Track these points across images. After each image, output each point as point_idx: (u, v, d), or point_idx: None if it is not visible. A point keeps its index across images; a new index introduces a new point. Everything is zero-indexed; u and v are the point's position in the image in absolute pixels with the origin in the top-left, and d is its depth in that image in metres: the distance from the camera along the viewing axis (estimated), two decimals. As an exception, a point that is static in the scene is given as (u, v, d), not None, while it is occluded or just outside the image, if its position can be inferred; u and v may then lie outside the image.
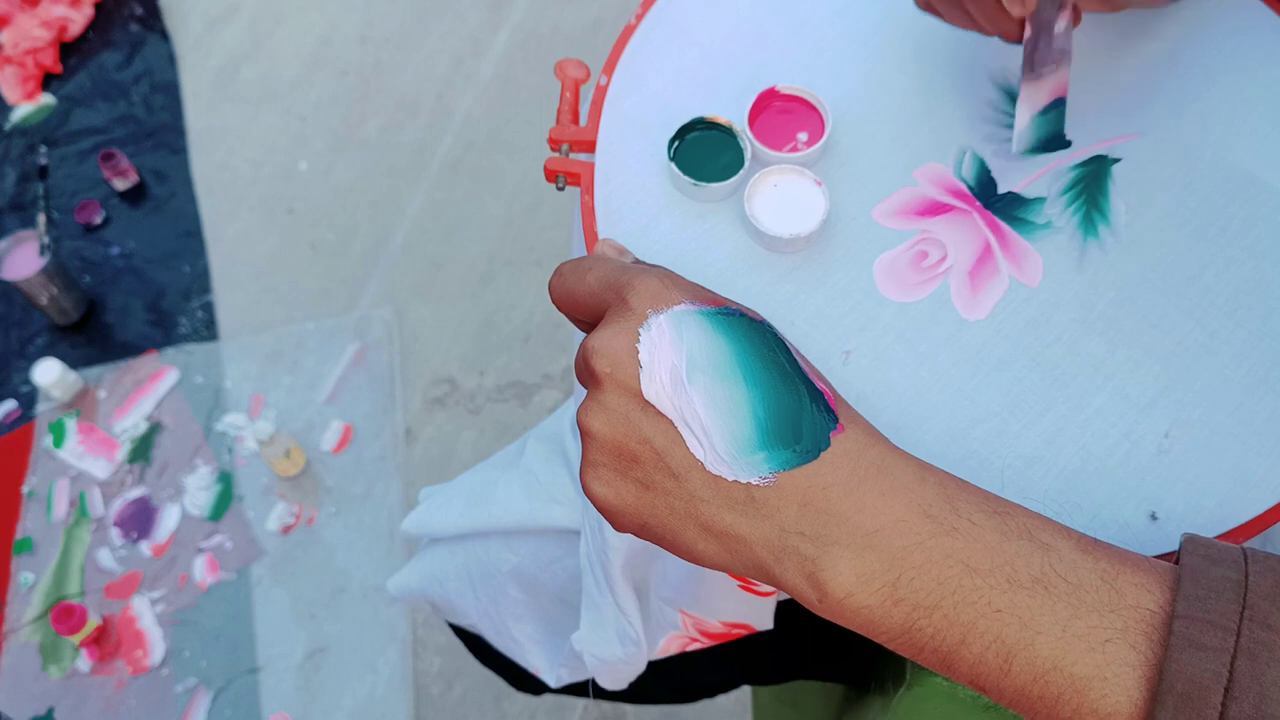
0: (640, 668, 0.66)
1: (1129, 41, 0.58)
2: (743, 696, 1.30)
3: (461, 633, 0.81)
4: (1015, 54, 0.57)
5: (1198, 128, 0.55)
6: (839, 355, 0.49)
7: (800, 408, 0.38)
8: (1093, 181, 0.53)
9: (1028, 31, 0.50)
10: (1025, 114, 0.53)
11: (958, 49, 0.58)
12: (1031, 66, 0.51)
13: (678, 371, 0.38)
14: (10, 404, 1.66)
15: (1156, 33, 0.58)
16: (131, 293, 1.75)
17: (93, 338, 1.71)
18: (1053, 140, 0.54)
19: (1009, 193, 0.53)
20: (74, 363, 1.66)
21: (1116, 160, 0.54)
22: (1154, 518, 0.45)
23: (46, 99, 2.00)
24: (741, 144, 0.53)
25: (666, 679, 0.72)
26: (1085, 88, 0.56)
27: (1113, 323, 0.49)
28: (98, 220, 1.82)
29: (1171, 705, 0.32)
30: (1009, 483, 0.46)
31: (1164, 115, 0.55)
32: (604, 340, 0.39)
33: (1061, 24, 0.51)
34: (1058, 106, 0.53)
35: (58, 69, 2.02)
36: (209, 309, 1.73)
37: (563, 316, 0.44)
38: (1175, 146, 0.54)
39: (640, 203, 0.53)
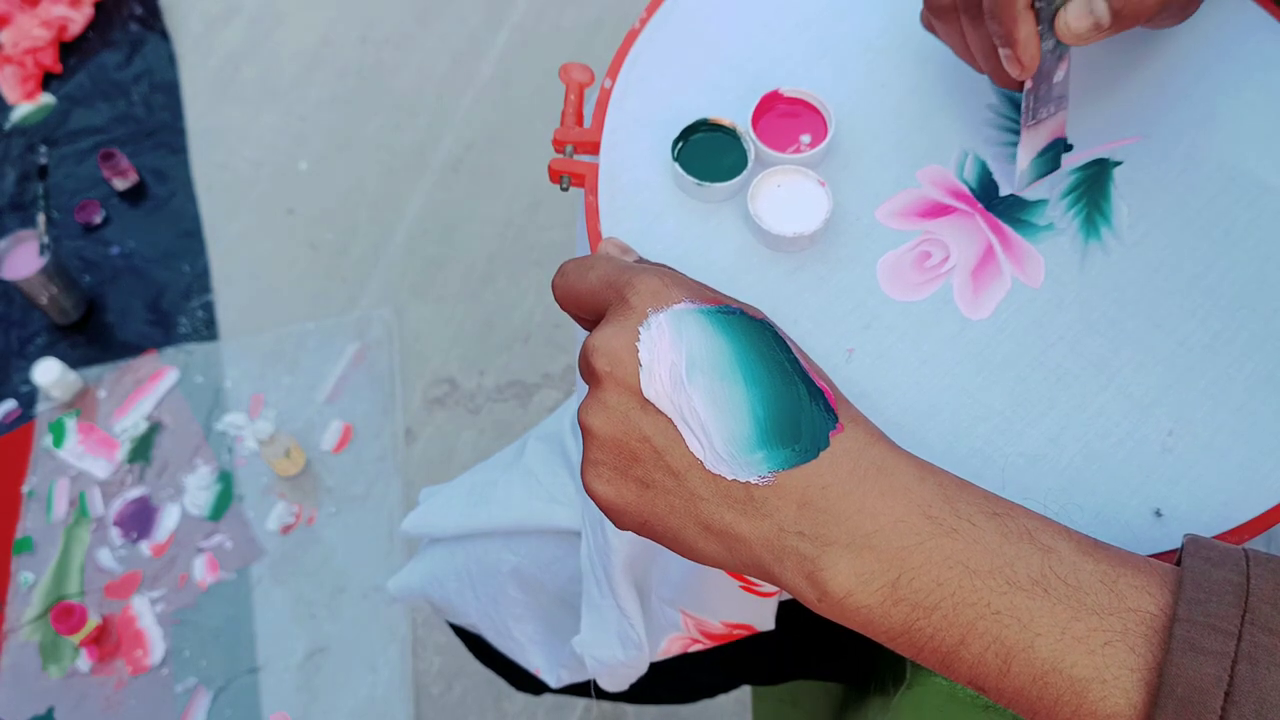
0: (641, 669, 0.66)
1: (1130, 45, 0.58)
2: (743, 696, 1.30)
3: (461, 633, 0.81)
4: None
5: (1200, 131, 0.55)
6: (842, 354, 0.49)
7: (799, 407, 0.38)
8: (1094, 184, 0.53)
9: (1028, 84, 0.50)
10: (1025, 158, 0.53)
11: (960, 50, 0.58)
12: (1032, 115, 0.51)
13: (677, 370, 0.38)
14: (10, 404, 1.66)
15: (1157, 37, 0.58)
16: (131, 293, 1.75)
17: (93, 337, 1.71)
18: (1050, 174, 0.54)
19: (1011, 195, 0.53)
20: (74, 362, 1.66)
21: (1118, 163, 0.54)
22: (1158, 515, 0.45)
23: (46, 99, 2.00)
24: (745, 145, 0.53)
25: (667, 679, 0.72)
26: (1086, 92, 0.56)
27: (1115, 323, 0.49)
28: (98, 220, 1.82)
29: (1171, 709, 0.32)
30: (1011, 481, 0.46)
31: (1165, 118, 0.55)
32: (604, 339, 0.39)
33: (1061, 73, 0.51)
34: (1055, 146, 0.53)
35: (58, 69, 2.02)
36: (209, 309, 1.73)
37: (563, 316, 0.45)
38: (1177, 150, 0.54)
39: (644, 203, 0.53)
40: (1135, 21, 0.47)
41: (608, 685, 0.68)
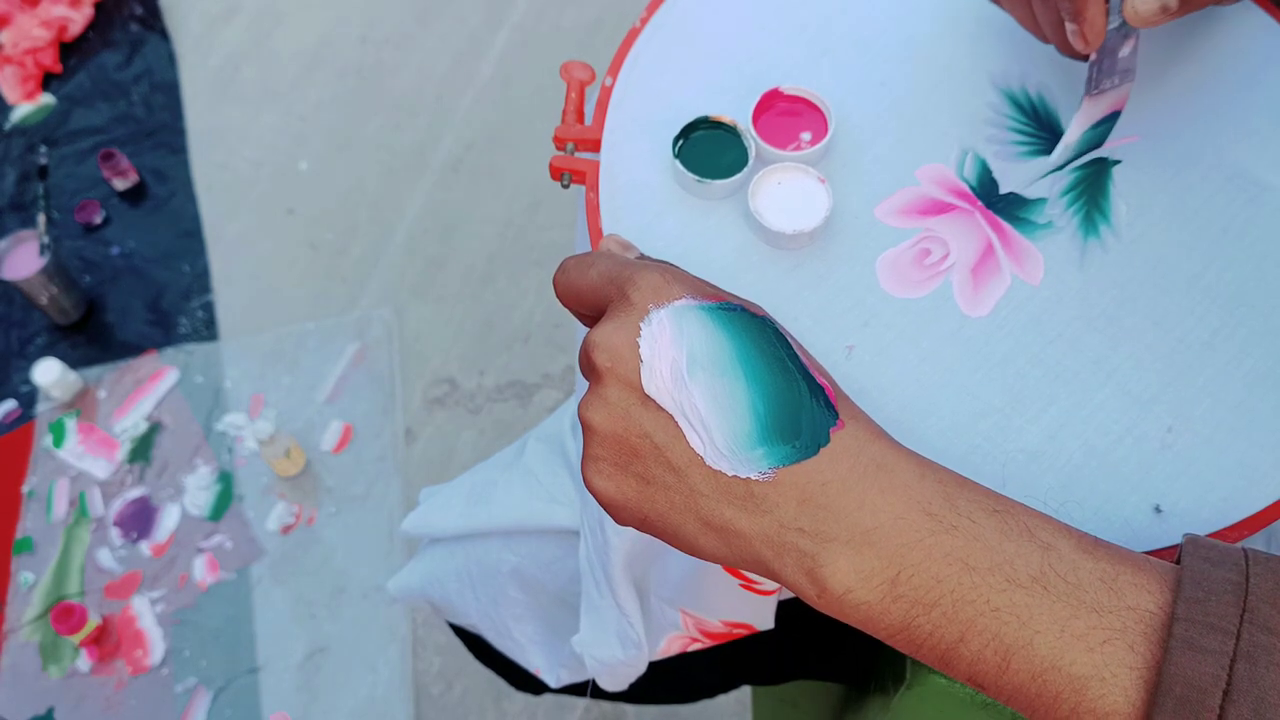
0: (641, 669, 0.66)
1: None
2: (743, 696, 1.30)
3: (461, 633, 0.81)
4: (1014, 59, 0.57)
5: (1198, 130, 0.55)
6: (842, 351, 0.49)
7: (800, 403, 0.38)
8: (1093, 183, 0.53)
9: (1092, 55, 0.50)
10: (1078, 130, 0.53)
11: (960, 52, 0.58)
12: (1095, 85, 0.51)
13: (678, 366, 0.38)
14: (10, 404, 1.66)
15: (1155, 37, 0.58)
16: (131, 293, 1.75)
17: (93, 338, 1.71)
18: (1092, 150, 0.54)
19: (1010, 193, 0.53)
20: (74, 363, 1.66)
21: (1117, 162, 0.54)
22: (1158, 511, 0.45)
23: (46, 99, 2.00)
24: (745, 143, 0.54)
25: (666, 679, 0.72)
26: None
27: (1114, 320, 0.49)
28: (98, 220, 1.82)
29: (1170, 707, 0.32)
30: (1011, 477, 0.46)
31: (1164, 118, 0.55)
32: (605, 335, 0.39)
33: (1127, 48, 0.51)
34: (1110, 120, 0.53)
35: (58, 69, 2.02)
36: (209, 309, 1.73)
37: (563, 316, 0.45)
38: (1175, 148, 0.54)
39: (645, 200, 0.53)
40: (1203, 4, 0.47)
41: (607, 685, 0.68)
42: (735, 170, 0.53)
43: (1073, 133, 0.53)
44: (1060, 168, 0.54)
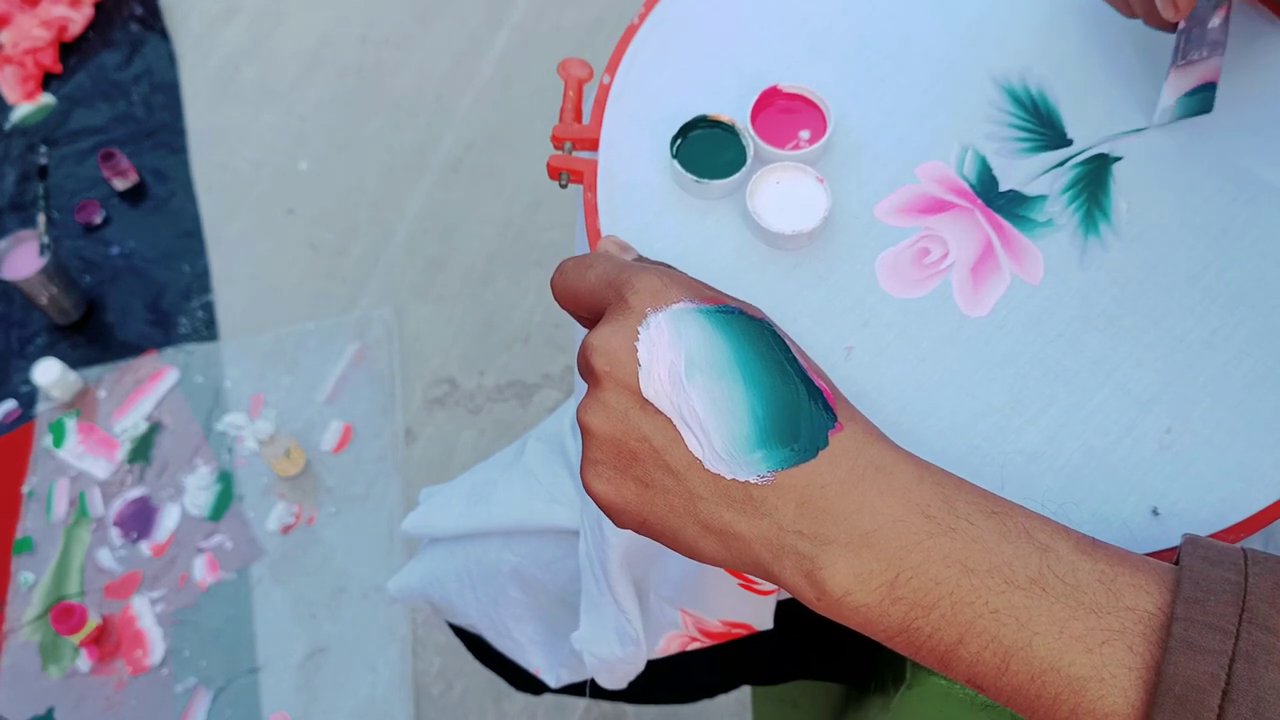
0: (639, 667, 0.66)
1: (1129, 42, 0.58)
2: (743, 696, 1.30)
3: (461, 633, 0.81)
4: (1014, 56, 0.57)
5: (1199, 128, 0.55)
6: (841, 351, 0.49)
7: (798, 406, 0.38)
8: (1094, 180, 0.53)
9: (1181, 24, 0.51)
10: (1170, 96, 0.53)
11: (959, 49, 0.58)
12: (1182, 55, 0.52)
13: (676, 370, 0.38)
14: (10, 404, 1.66)
15: (1156, 34, 0.58)
16: (131, 293, 1.75)
17: (93, 338, 1.71)
18: (1198, 114, 0.55)
19: (1010, 190, 0.53)
20: (74, 363, 1.66)
21: (1117, 159, 0.54)
22: (1156, 513, 0.45)
23: (46, 99, 2.00)
24: (744, 142, 0.53)
25: (666, 679, 0.72)
26: (1085, 87, 0.56)
27: (1114, 320, 0.49)
28: (98, 220, 1.82)
29: (1169, 707, 0.32)
30: (1010, 478, 0.46)
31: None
32: (603, 338, 0.39)
33: (1217, 19, 0.51)
34: (1207, 89, 0.54)
35: (58, 69, 2.02)
36: (209, 309, 1.73)
37: (563, 316, 0.45)
38: (1176, 146, 0.54)
39: (643, 200, 0.53)
40: None
41: (606, 683, 0.68)
42: (733, 170, 0.52)
43: (1167, 97, 0.53)
44: (1065, 161, 0.54)
